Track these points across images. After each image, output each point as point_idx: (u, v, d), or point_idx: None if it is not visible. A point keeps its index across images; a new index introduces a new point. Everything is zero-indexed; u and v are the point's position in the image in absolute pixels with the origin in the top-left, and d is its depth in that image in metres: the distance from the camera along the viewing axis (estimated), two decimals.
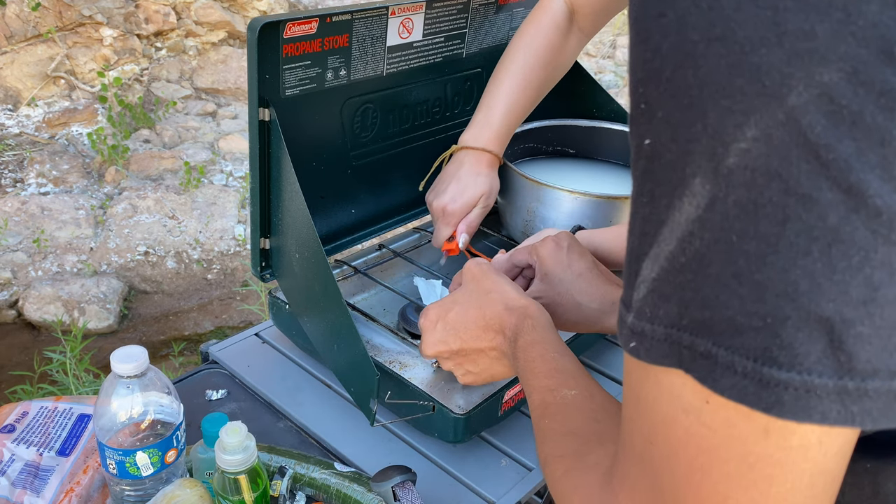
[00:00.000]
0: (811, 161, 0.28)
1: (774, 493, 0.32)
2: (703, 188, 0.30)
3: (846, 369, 0.29)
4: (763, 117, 0.28)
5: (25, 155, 3.88)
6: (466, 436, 0.88)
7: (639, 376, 0.36)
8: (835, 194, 0.28)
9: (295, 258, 0.94)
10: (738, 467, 0.33)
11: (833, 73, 0.27)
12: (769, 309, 0.29)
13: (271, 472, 0.81)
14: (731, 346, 0.31)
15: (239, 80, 4.44)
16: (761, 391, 0.30)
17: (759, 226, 0.29)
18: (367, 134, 1.10)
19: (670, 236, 0.32)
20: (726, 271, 0.30)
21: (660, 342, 0.33)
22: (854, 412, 0.29)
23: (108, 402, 0.74)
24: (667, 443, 0.35)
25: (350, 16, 0.95)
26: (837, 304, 0.29)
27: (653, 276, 0.33)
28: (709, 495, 0.34)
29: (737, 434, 0.32)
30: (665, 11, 0.30)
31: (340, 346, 0.89)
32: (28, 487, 0.76)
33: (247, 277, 3.39)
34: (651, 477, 0.37)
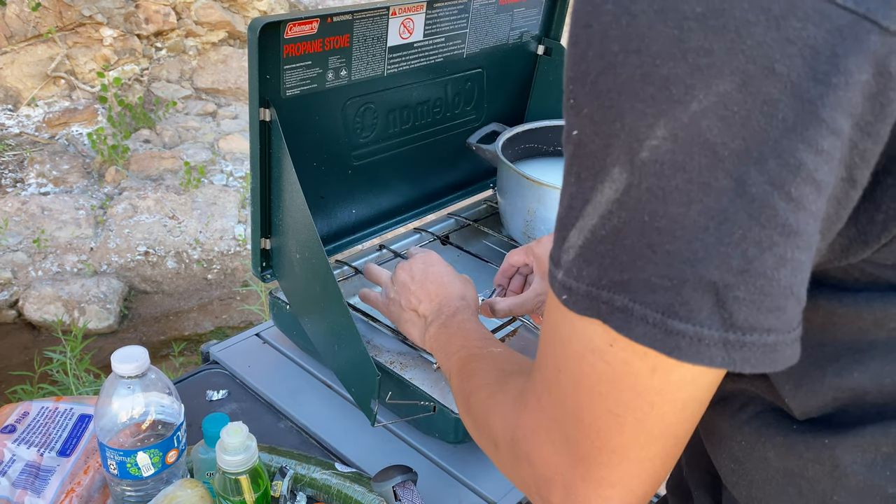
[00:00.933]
0: (709, 156, 0.34)
1: (654, 413, 0.40)
2: (620, 176, 0.36)
3: (728, 324, 0.36)
4: (670, 120, 0.34)
5: (25, 155, 3.88)
6: (467, 436, 0.88)
7: (557, 317, 0.43)
8: (726, 182, 0.34)
9: (296, 258, 0.94)
10: (629, 395, 0.40)
11: (727, 84, 0.33)
12: (675, 273, 0.36)
13: (272, 472, 0.81)
14: (644, 302, 0.37)
15: (239, 80, 4.44)
16: (666, 338, 0.37)
17: (668, 207, 0.35)
18: (368, 134, 1.10)
19: (593, 213, 0.38)
20: (641, 243, 0.37)
21: (583, 297, 0.40)
22: (736, 359, 0.36)
23: (108, 403, 0.74)
24: (574, 373, 0.42)
25: (351, 16, 0.95)
26: (721, 272, 0.35)
27: (579, 244, 0.40)
28: (603, 413, 0.41)
29: (631, 371, 0.39)
30: (591, 23, 0.36)
31: (341, 347, 0.89)
32: (29, 488, 0.76)
33: (247, 277, 3.39)
34: (556, 396, 0.44)
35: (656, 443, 0.42)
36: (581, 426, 0.43)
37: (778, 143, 0.33)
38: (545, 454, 0.46)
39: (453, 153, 1.28)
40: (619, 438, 0.42)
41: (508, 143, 1.24)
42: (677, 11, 0.33)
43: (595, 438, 0.42)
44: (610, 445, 0.42)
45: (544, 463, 0.46)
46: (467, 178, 1.36)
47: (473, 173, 1.36)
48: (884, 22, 0.32)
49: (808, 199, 0.34)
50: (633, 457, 0.42)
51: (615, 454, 0.42)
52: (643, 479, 0.44)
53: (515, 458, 0.49)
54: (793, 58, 0.32)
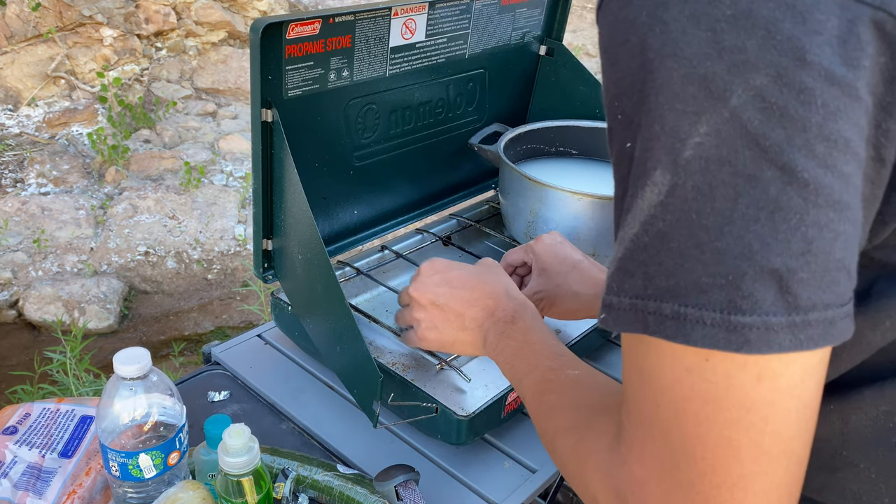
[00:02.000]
0: (752, 148, 0.35)
1: (770, 429, 0.38)
2: (663, 178, 0.37)
3: (793, 307, 0.36)
4: (712, 116, 0.36)
5: (25, 155, 3.87)
6: (469, 438, 0.88)
7: (640, 350, 0.41)
8: (773, 172, 0.35)
9: (297, 259, 0.93)
10: (738, 412, 0.38)
11: (763, 78, 0.35)
12: (729, 269, 0.36)
13: (274, 474, 0.81)
14: (699, 304, 0.37)
15: (239, 80, 4.43)
16: (730, 335, 0.37)
17: (715, 203, 0.36)
18: (370, 135, 1.10)
19: (633, 221, 0.39)
20: (688, 244, 0.37)
21: (626, 311, 0.40)
22: (802, 339, 0.36)
23: (110, 404, 0.74)
24: (674, 402, 0.40)
25: (353, 16, 0.95)
26: (783, 258, 0.36)
27: (619, 256, 0.40)
28: (716, 441, 0.39)
29: (735, 383, 0.38)
30: (629, 38, 0.38)
31: (343, 348, 0.89)
32: (30, 489, 0.76)
33: (247, 278, 3.38)
34: (660, 437, 0.41)
35: (779, 466, 0.39)
36: (693, 464, 0.40)
37: (823, 126, 0.34)
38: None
39: (455, 154, 1.28)
40: (738, 468, 0.39)
41: (510, 143, 1.24)
42: (709, 15, 0.35)
43: (712, 474, 0.39)
44: (730, 479, 0.39)
45: None
46: (469, 179, 1.36)
47: (475, 174, 1.36)
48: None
49: (853, 174, 0.36)
50: (757, 488, 0.39)
51: (737, 488, 0.39)
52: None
53: None
54: (821, 47, 0.34)
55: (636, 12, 0.38)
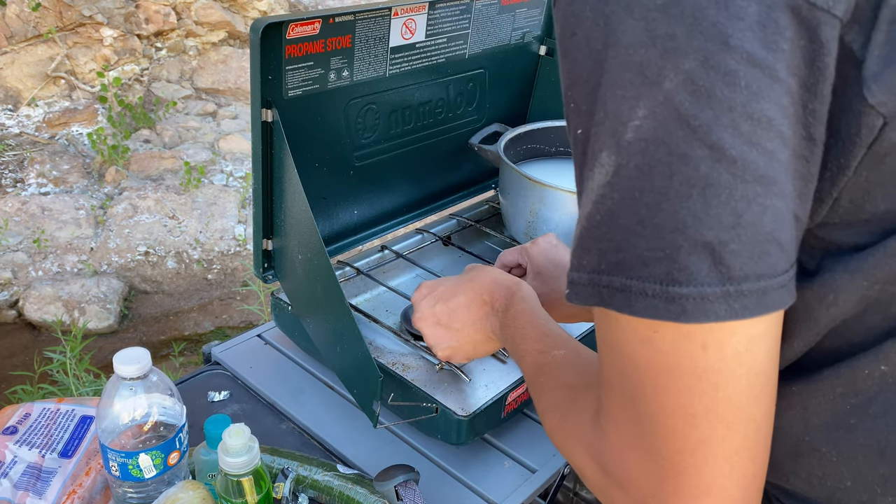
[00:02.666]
0: (684, 128, 0.37)
1: (722, 396, 0.40)
2: (609, 159, 0.40)
3: (726, 278, 0.38)
4: (648, 100, 0.38)
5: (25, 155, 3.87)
6: (470, 438, 0.88)
7: (604, 325, 0.44)
8: (703, 151, 0.37)
9: (297, 259, 0.93)
10: (689, 380, 0.40)
11: (691, 62, 0.37)
12: (667, 243, 0.38)
13: (274, 474, 0.81)
14: (641, 277, 0.39)
15: (239, 80, 4.43)
16: (669, 306, 0.39)
17: (653, 181, 0.38)
18: (370, 135, 1.10)
19: (587, 201, 0.42)
20: (632, 220, 0.39)
21: (585, 286, 0.42)
22: (736, 308, 0.38)
23: (110, 404, 0.74)
24: (634, 372, 0.42)
25: (353, 16, 0.95)
26: (715, 231, 0.37)
27: (577, 235, 0.43)
28: (673, 408, 0.41)
29: (682, 353, 0.40)
30: (576, 31, 0.41)
31: (343, 348, 0.89)
32: (30, 489, 0.76)
33: (246, 278, 3.38)
34: (630, 407, 0.44)
35: (736, 432, 0.41)
36: (658, 431, 0.42)
37: (747, 106, 0.37)
38: (636, 476, 0.44)
39: (455, 154, 1.28)
40: (696, 434, 0.41)
41: (510, 143, 1.24)
42: (642, 6, 0.38)
43: (674, 440, 0.42)
44: (690, 445, 0.41)
45: (637, 486, 0.45)
46: (469, 179, 1.36)
47: (475, 174, 1.36)
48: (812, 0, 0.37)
49: (778, 150, 0.38)
50: (717, 452, 0.41)
51: (698, 453, 0.41)
52: (735, 480, 0.42)
53: (607, 486, 0.48)
54: (743, 31, 0.36)
55: (581, 6, 0.41)
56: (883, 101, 0.38)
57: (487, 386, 0.91)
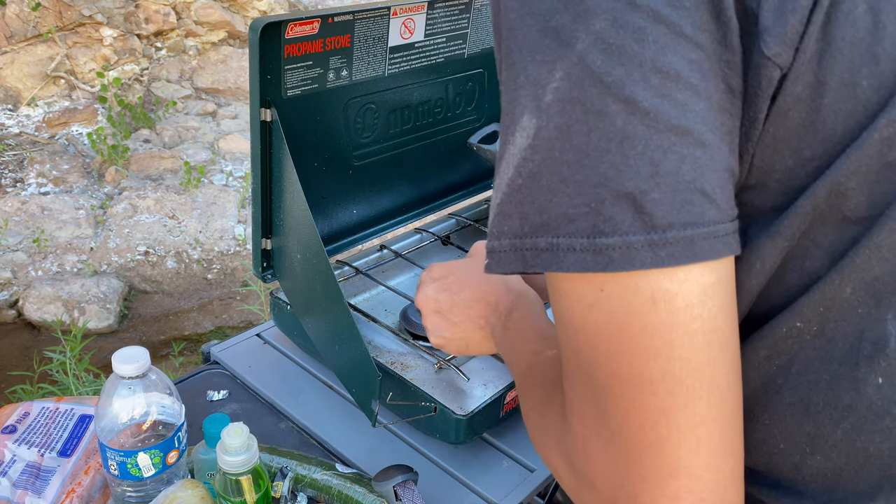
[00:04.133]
0: (598, 85, 0.39)
1: (678, 355, 0.39)
2: (529, 122, 0.41)
3: (650, 226, 0.38)
4: (564, 62, 0.39)
5: (25, 155, 3.87)
6: (468, 437, 0.88)
7: (554, 300, 0.44)
8: (617, 106, 0.38)
9: (296, 259, 0.94)
10: (641, 340, 0.39)
11: (602, 23, 0.38)
12: (591, 197, 0.39)
13: (273, 473, 0.81)
14: (568, 233, 0.40)
15: (239, 80, 4.44)
16: (597, 257, 0.39)
17: (572, 140, 0.39)
18: (369, 134, 1.10)
19: (508, 167, 0.42)
20: (554, 179, 0.40)
21: (507, 253, 0.42)
22: (662, 256, 0.38)
23: (109, 403, 0.74)
24: (587, 343, 0.42)
25: (352, 16, 0.95)
26: (635, 181, 0.38)
27: (497, 202, 0.43)
28: (628, 375, 0.40)
29: (632, 309, 0.39)
30: (500, 7, 0.43)
31: (342, 347, 0.89)
32: (29, 488, 0.76)
33: (246, 278, 3.39)
34: (587, 387, 0.43)
35: (698, 398, 0.39)
36: (616, 406, 0.41)
37: (655, 60, 0.38)
38: (601, 468, 0.43)
39: (454, 153, 1.28)
40: (656, 401, 0.39)
41: None
42: None
43: (633, 413, 0.40)
44: (651, 416, 0.40)
45: (603, 479, 0.43)
46: (468, 179, 1.36)
47: (474, 173, 1.36)
48: None
49: (690, 101, 0.39)
50: (680, 423, 0.39)
51: (660, 425, 0.40)
52: (704, 458, 0.40)
53: (578, 486, 0.46)
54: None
55: None
56: (778, 52, 0.39)
57: (486, 385, 0.91)
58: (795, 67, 0.40)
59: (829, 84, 0.40)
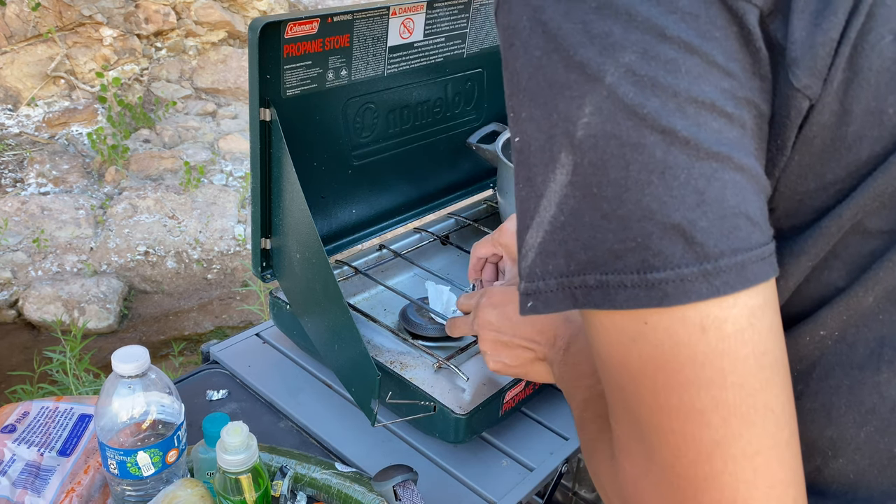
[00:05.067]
0: (632, 118, 0.38)
1: (730, 382, 0.38)
2: (567, 159, 0.40)
3: (702, 256, 0.38)
4: (593, 97, 0.39)
5: (25, 155, 3.88)
6: (467, 436, 0.88)
7: (592, 335, 0.43)
8: (655, 137, 0.38)
9: (296, 258, 0.94)
10: (691, 370, 0.38)
11: (630, 55, 0.38)
12: (636, 232, 0.38)
13: (272, 472, 0.81)
14: (616, 269, 0.39)
15: (239, 80, 4.44)
16: (650, 292, 0.38)
17: (609, 175, 0.39)
18: (368, 134, 1.10)
19: (549, 204, 0.41)
20: (596, 215, 0.39)
21: (554, 292, 0.41)
22: (717, 285, 0.38)
23: (109, 402, 0.74)
24: (631, 378, 0.41)
25: (351, 16, 0.95)
26: (682, 212, 0.38)
27: (538, 241, 0.42)
28: (678, 408, 0.39)
29: (680, 340, 0.38)
30: (513, 41, 0.42)
31: (341, 347, 0.89)
32: (29, 487, 0.76)
33: (246, 277, 3.39)
34: (633, 424, 0.42)
35: (753, 426, 0.38)
36: (666, 442, 0.40)
37: (690, 90, 0.38)
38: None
39: (453, 153, 1.28)
40: (709, 434, 0.38)
41: (509, 142, 1.24)
42: (578, 10, 0.39)
43: (685, 448, 0.39)
44: (704, 449, 0.39)
45: None
46: (467, 178, 1.36)
47: (473, 173, 1.36)
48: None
49: (725, 129, 0.39)
50: (736, 454, 0.38)
51: (715, 457, 0.38)
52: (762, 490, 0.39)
53: None
54: (678, 23, 0.38)
55: (517, 18, 0.42)
56: (807, 84, 0.39)
57: (485, 384, 0.91)
58: (822, 97, 0.40)
59: (855, 112, 0.40)
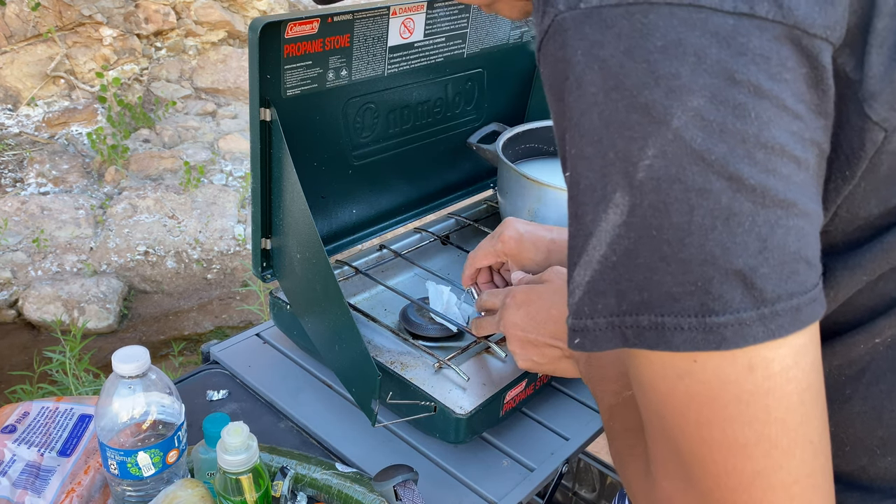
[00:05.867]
0: (699, 163, 0.38)
1: (774, 418, 0.39)
2: (622, 199, 0.40)
3: (760, 301, 0.38)
4: (657, 139, 0.38)
5: (25, 155, 3.87)
6: (468, 436, 0.88)
7: (635, 367, 0.43)
8: (721, 183, 0.38)
9: (296, 258, 0.94)
10: (736, 408, 0.39)
11: (699, 99, 0.38)
12: (697, 276, 0.39)
13: (273, 472, 0.81)
14: (673, 312, 0.39)
15: (239, 79, 4.43)
16: (708, 336, 0.39)
17: (671, 218, 0.39)
18: (369, 134, 1.10)
19: (599, 243, 0.41)
20: (654, 257, 0.39)
21: (603, 331, 0.42)
22: (773, 328, 0.39)
23: (109, 403, 0.74)
24: (674, 411, 0.41)
25: (351, 16, 0.95)
26: (744, 258, 0.38)
27: (586, 280, 0.42)
28: (721, 442, 0.40)
29: (728, 379, 0.39)
30: (567, 76, 0.41)
31: (342, 347, 0.89)
32: (29, 488, 0.76)
33: (246, 278, 3.39)
34: (673, 449, 0.43)
35: (792, 458, 0.40)
36: (707, 471, 0.41)
37: (759, 135, 0.38)
38: None
39: (453, 153, 1.28)
40: (750, 466, 0.40)
41: (509, 142, 1.24)
42: (643, 48, 0.38)
43: (726, 478, 0.40)
44: (745, 479, 0.40)
45: None
46: (467, 178, 1.36)
47: (474, 173, 1.36)
48: (811, 30, 0.38)
49: (794, 174, 0.39)
50: (775, 483, 0.40)
51: (755, 487, 0.40)
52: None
53: None
54: (747, 66, 0.38)
55: (572, 52, 0.41)
56: (885, 116, 0.40)
57: (485, 384, 0.91)
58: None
59: None
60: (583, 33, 0.40)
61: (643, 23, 0.38)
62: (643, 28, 0.38)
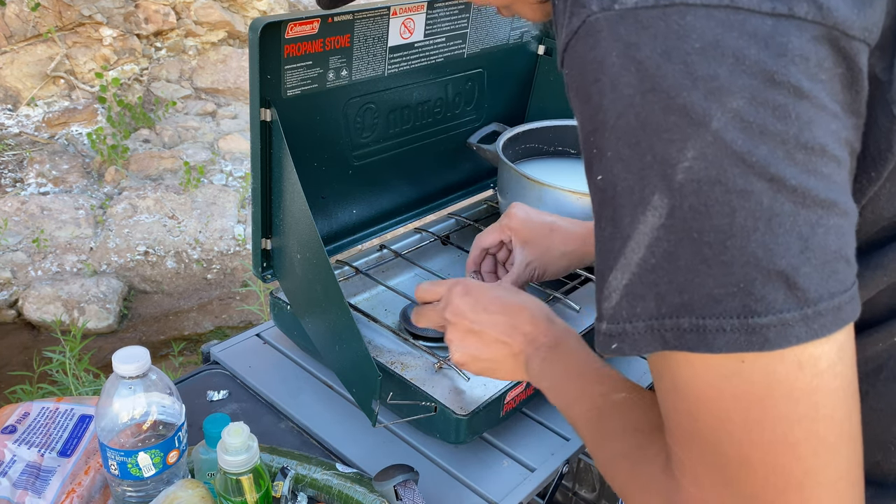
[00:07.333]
0: (739, 165, 0.38)
1: (822, 415, 0.39)
2: (661, 202, 0.39)
3: (803, 301, 0.38)
4: (697, 141, 0.38)
5: (25, 155, 3.87)
6: (468, 437, 0.88)
7: (670, 368, 0.43)
8: (762, 184, 0.38)
9: (296, 259, 0.94)
10: (786, 406, 0.39)
11: (738, 101, 0.38)
12: (739, 277, 0.39)
13: (273, 472, 0.81)
14: (715, 314, 0.39)
15: (239, 79, 4.43)
16: (751, 337, 0.39)
17: (712, 220, 0.38)
18: (369, 134, 1.10)
19: (637, 246, 0.41)
20: (695, 260, 0.39)
21: (642, 335, 0.42)
22: (815, 328, 0.39)
23: (109, 403, 0.74)
24: (717, 413, 0.41)
25: (351, 16, 0.95)
26: (786, 259, 0.38)
27: (623, 283, 0.42)
28: (770, 442, 0.40)
29: (777, 378, 0.39)
30: (599, 77, 0.40)
31: (342, 347, 0.89)
32: (29, 488, 0.76)
33: (246, 278, 3.38)
34: (709, 454, 0.42)
35: (839, 454, 0.40)
36: (752, 473, 0.40)
37: (799, 136, 0.38)
38: None
39: (454, 153, 1.28)
40: (800, 465, 0.40)
41: (509, 143, 1.24)
42: (680, 50, 0.38)
43: (775, 479, 0.40)
44: (795, 479, 0.40)
45: None
46: (468, 179, 1.36)
47: (474, 173, 1.36)
48: (850, 31, 0.39)
49: (834, 173, 0.39)
50: (824, 481, 0.40)
51: (805, 487, 0.40)
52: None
53: None
54: (787, 66, 0.38)
55: (604, 53, 0.40)
56: None
57: (486, 385, 0.91)
58: None
59: None
60: (618, 34, 0.39)
61: (680, 24, 0.38)
62: (680, 29, 0.38)
